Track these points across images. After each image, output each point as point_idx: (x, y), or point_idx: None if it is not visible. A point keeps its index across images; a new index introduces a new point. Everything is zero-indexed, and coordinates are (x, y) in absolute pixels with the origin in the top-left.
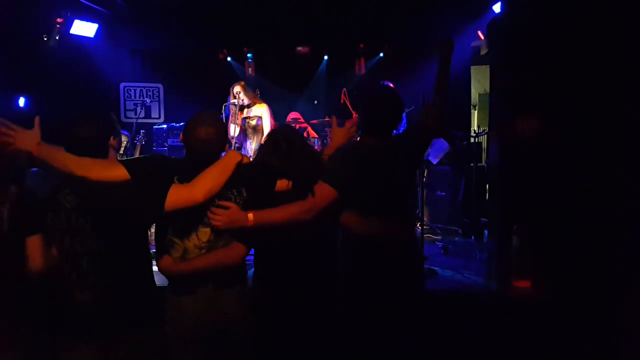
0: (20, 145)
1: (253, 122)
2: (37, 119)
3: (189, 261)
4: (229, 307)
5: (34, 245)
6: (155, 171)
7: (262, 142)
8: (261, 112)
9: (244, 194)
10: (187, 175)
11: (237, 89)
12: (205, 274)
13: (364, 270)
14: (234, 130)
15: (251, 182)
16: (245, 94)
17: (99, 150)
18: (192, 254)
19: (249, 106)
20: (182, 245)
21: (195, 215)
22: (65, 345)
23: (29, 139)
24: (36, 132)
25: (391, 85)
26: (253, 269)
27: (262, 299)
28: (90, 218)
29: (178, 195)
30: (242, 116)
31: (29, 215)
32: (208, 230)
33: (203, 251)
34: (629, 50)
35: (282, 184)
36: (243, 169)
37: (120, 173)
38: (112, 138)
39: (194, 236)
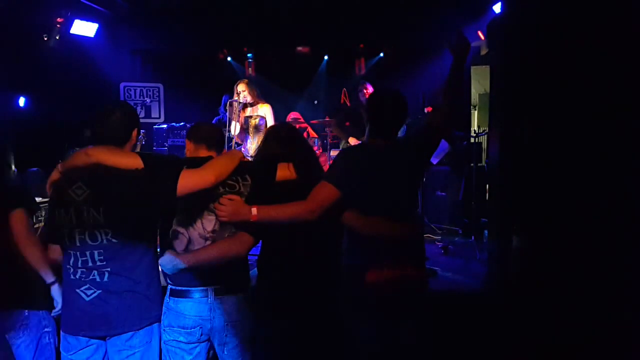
0: None
1: (255, 122)
2: None
3: (193, 252)
4: (229, 314)
5: (18, 219)
6: (166, 160)
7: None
8: (265, 112)
9: (249, 180)
10: (195, 167)
11: (241, 87)
12: (205, 277)
13: (367, 270)
14: (234, 128)
15: (254, 170)
16: (250, 92)
17: (123, 137)
18: (196, 245)
19: (252, 105)
20: (187, 234)
21: (200, 202)
22: (67, 342)
23: None
24: None
25: (369, 86)
26: (257, 272)
27: (266, 300)
28: (103, 210)
29: (189, 178)
30: (244, 115)
31: (11, 190)
32: (213, 218)
33: (208, 242)
34: (631, 50)
35: (283, 173)
36: (245, 162)
37: (135, 161)
38: (135, 130)
39: (199, 224)
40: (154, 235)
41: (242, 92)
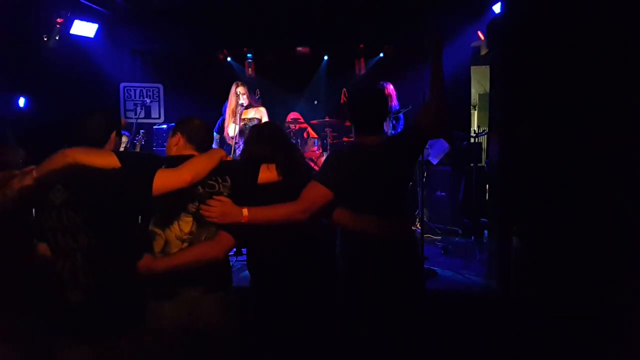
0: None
1: (252, 124)
2: None
3: (170, 256)
4: (211, 314)
5: None
6: (143, 159)
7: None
8: (260, 115)
9: (229, 182)
10: (174, 165)
11: (241, 89)
12: (187, 277)
13: (363, 271)
14: (234, 130)
15: (235, 171)
16: (249, 95)
17: (101, 139)
18: (173, 247)
19: (250, 106)
20: (164, 235)
21: (177, 202)
22: (57, 344)
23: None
24: None
25: (390, 86)
26: (249, 272)
27: (260, 300)
28: (81, 211)
29: (166, 178)
30: (244, 116)
31: None
32: (190, 219)
33: (185, 244)
34: (629, 49)
35: (265, 175)
36: (227, 162)
37: (111, 160)
38: (114, 133)
39: (175, 225)
40: (134, 236)
41: (242, 95)
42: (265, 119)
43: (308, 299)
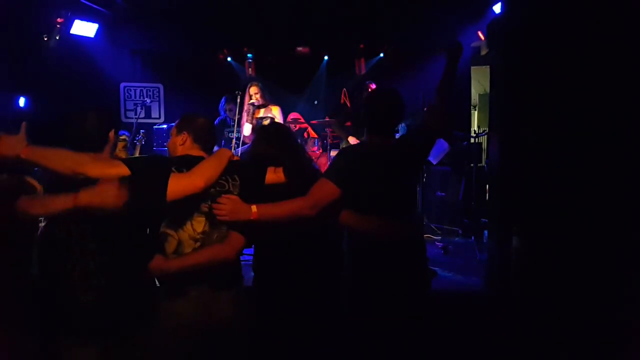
0: (4, 151)
1: (267, 123)
2: (23, 124)
3: (181, 257)
4: (224, 311)
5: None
6: (153, 164)
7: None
8: (275, 114)
9: (238, 181)
10: (184, 167)
11: (253, 89)
12: (199, 275)
13: (368, 271)
14: (248, 129)
15: (243, 170)
16: (262, 95)
17: (97, 143)
18: (186, 247)
19: (264, 106)
20: (177, 236)
21: (189, 204)
22: (66, 345)
23: (13, 144)
24: (21, 136)
25: (373, 85)
26: (253, 272)
27: (265, 300)
28: (90, 222)
29: (179, 184)
30: (256, 116)
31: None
32: (203, 219)
33: (198, 244)
34: (630, 51)
35: (271, 177)
36: (235, 162)
37: (121, 170)
38: (112, 131)
39: (188, 225)
40: (146, 240)
41: (255, 94)
42: (279, 117)
43: (313, 299)
